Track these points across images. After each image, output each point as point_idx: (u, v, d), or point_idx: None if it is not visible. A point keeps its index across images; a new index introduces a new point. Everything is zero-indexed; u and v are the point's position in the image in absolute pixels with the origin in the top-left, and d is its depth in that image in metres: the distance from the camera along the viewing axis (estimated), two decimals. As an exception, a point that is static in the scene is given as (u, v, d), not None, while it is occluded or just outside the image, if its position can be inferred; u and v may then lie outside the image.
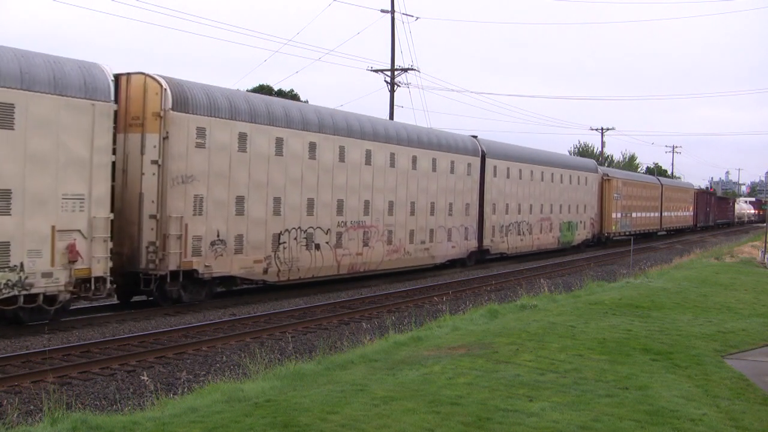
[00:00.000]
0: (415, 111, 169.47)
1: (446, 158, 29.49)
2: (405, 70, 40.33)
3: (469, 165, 31.21)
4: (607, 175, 48.58)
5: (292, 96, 50.05)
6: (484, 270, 31.07)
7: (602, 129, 77.34)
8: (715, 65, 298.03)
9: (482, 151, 32.10)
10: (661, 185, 62.17)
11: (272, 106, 21.40)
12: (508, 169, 34.26)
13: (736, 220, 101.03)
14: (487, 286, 25.36)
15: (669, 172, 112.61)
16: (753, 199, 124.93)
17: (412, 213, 27.45)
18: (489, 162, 32.43)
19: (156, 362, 13.20)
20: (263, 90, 48.61)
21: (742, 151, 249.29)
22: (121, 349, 13.98)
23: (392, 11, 39.41)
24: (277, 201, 21.07)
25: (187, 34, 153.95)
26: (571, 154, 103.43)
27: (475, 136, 32.31)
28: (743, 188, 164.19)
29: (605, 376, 10.13)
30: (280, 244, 21.11)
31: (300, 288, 22.86)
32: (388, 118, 39.64)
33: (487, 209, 32.35)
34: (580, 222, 43.10)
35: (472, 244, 31.84)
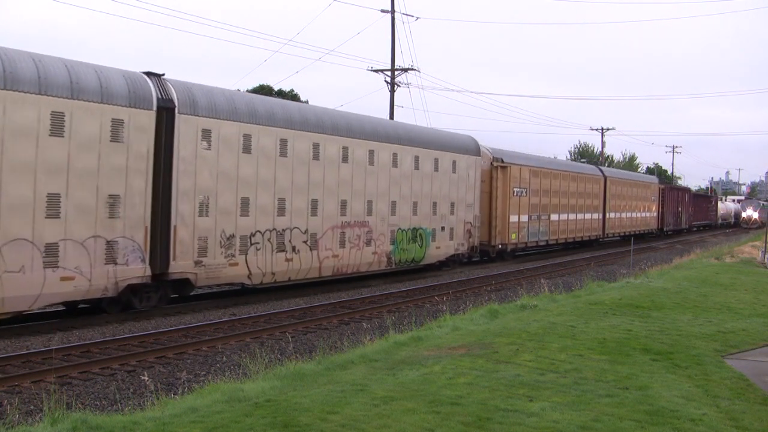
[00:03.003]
0: (415, 111, 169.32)
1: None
2: (405, 70, 40.36)
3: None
4: (501, 161, 34.37)
5: (292, 96, 50.05)
6: (484, 270, 31.07)
7: (602, 129, 77.39)
8: (715, 65, 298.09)
9: (169, 99, 18.03)
10: (605, 177, 48.31)
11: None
12: (245, 137, 19.89)
13: (720, 222, 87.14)
14: (487, 286, 25.36)
15: (669, 172, 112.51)
16: (742, 198, 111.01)
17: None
18: (185, 121, 18.28)
19: (156, 362, 13.20)
20: (263, 90, 48.63)
21: (742, 151, 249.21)
22: (121, 349, 13.98)
23: (392, 11, 39.44)
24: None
25: (187, 34, 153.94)
26: (571, 155, 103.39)
27: (152, 74, 18.04)
28: (743, 188, 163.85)
29: (605, 376, 10.13)
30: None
31: (302, 288, 22.86)
32: (388, 118, 39.68)
33: (183, 207, 18.18)
34: (443, 229, 29.17)
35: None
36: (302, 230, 21.90)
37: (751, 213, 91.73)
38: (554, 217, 39.73)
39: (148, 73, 17.97)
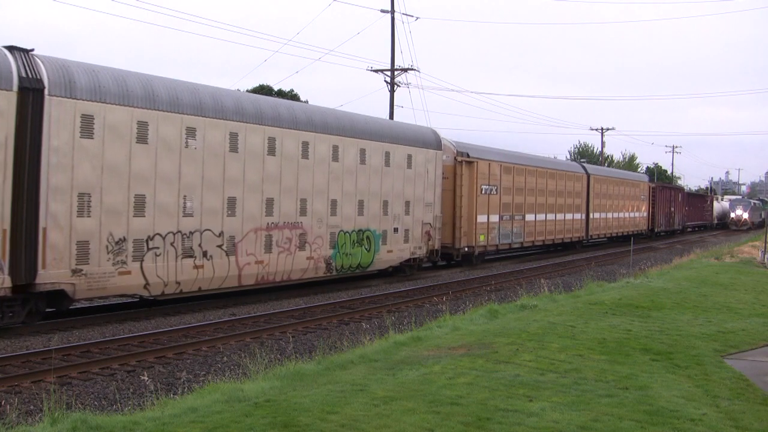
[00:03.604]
0: (415, 111, 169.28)
1: None
2: (405, 70, 40.36)
3: None
4: (466, 155, 30.91)
5: (292, 96, 50.07)
6: (484, 270, 31.08)
7: (602, 129, 77.34)
8: (715, 65, 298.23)
9: (37, 78, 15.47)
10: (588, 174, 44.91)
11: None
12: (140, 125, 17.30)
13: (716, 222, 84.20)
14: (487, 286, 25.36)
15: (669, 172, 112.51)
16: (739, 198, 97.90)
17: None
18: (59, 104, 15.68)
19: (156, 362, 13.20)
20: (263, 90, 48.65)
21: (742, 151, 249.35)
22: (121, 349, 13.98)
23: (392, 11, 39.44)
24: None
25: (187, 34, 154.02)
26: (571, 155, 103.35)
27: (15, 48, 15.50)
28: (743, 188, 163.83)
29: (605, 376, 10.13)
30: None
31: (299, 288, 22.85)
32: (388, 118, 39.69)
33: (55, 206, 15.69)
34: (396, 230, 26.17)
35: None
36: (216, 233, 18.97)
37: (740, 213, 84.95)
38: (530, 217, 36.72)
39: (11, 48, 15.26)
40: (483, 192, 31.93)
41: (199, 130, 18.52)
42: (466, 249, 30.97)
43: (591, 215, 44.93)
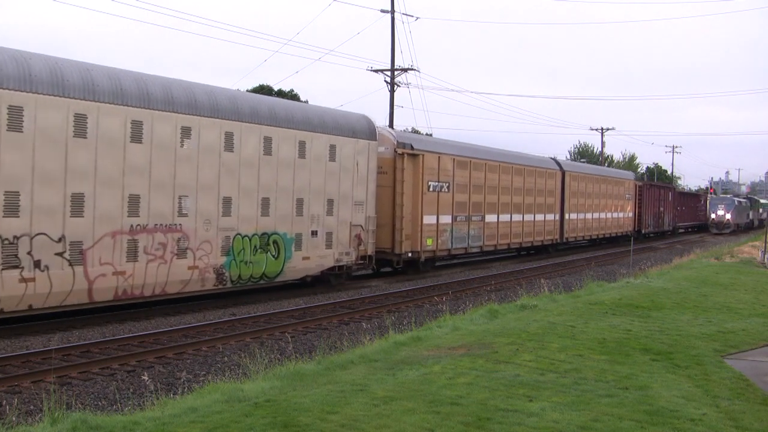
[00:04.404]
0: (415, 111, 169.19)
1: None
2: (405, 70, 40.37)
3: None
4: (410, 147, 26.77)
5: (292, 96, 50.03)
6: (484, 270, 31.08)
7: (602, 129, 77.35)
8: (714, 65, 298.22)
9: None
10: (562, 171, 40.91)
11: None
12: None
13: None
14: (487, 286, 25.36)
15: (669, 172, 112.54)
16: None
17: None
18: None
19: (156, 362, 13.21)
20: (263, 90, 48.61)
21: (742, 151, 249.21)
22: (121, 349, 13.99)
23: (392, 11, 39.45)
24: None
25: (187, 34, 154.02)
26: (571, 155, 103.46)
27: None
28: (743, 188, 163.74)
29: (605, 376, 10.14)
30: None
31: (298, 288, 22.85)
32: (388, 117, 39.71)
33: None
34: (314, 234, 22.21)
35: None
36: (54, 237, 15.37)
37: (722, 213, 71.46)
38: (491, 218, 32.56)
39: None
40: (431, 189, 27.81)
41: (28, 110, 14.88)
42: (410, 254, 26.84)
43: (567, 216, 41.03)
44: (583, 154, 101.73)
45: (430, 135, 43.33)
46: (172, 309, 18.61)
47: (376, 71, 40.88)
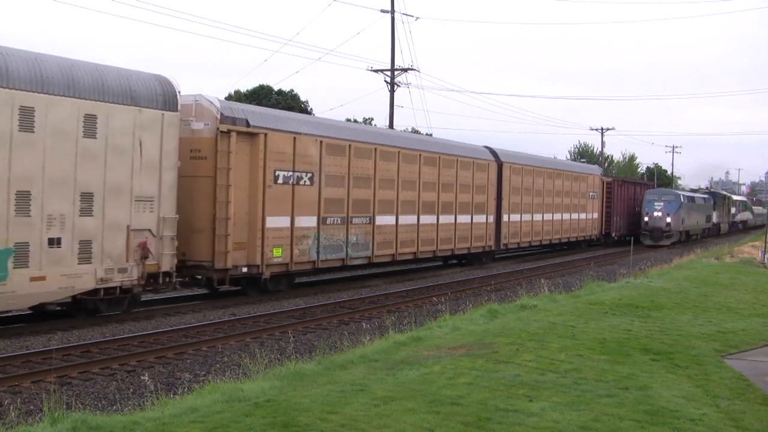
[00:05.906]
0: (415, 111, 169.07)
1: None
2: (405, 70, 40.36)
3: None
4: (245, 123, 19.75)
5: (292, 96, 50.06)
6: (484, 270, 31.09)
7: (602, 129, 77.32)
8: (714, 65, 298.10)
9: None
10: (499, 163, 33.30)
11: None
12: None
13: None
14: (487, 286, 25.37)
15: (669, 172, 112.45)
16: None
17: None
18: None
19: (156, 362, 13.21)
20: (263, 90, 48.65)
21: (742, 151, 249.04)
22: (121, 349, 13.99)
23: (392, 11, 39.45)
24: None
25: (187, 34, 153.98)
26: (571, 155, 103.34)
27: None
28: (743, 188, 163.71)
29: (605, 376, 10.14)
30: None
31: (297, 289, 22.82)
32: (388, 117, 39.70)
33: None
34: (56, 243, 15.28)
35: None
36: None
37: (658, 215, 49.58)
38: (385, 220, 25.10)
39: None
40: (280, 181, 20.69)
41: None
42: (244, 270, 19.95)
43: (505, 217, 33.70)
44: (583, 154, 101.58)
45: (430, 135, 43.21)
46: (172, 309, 18.61)
47: (376, 71, 40.88)
